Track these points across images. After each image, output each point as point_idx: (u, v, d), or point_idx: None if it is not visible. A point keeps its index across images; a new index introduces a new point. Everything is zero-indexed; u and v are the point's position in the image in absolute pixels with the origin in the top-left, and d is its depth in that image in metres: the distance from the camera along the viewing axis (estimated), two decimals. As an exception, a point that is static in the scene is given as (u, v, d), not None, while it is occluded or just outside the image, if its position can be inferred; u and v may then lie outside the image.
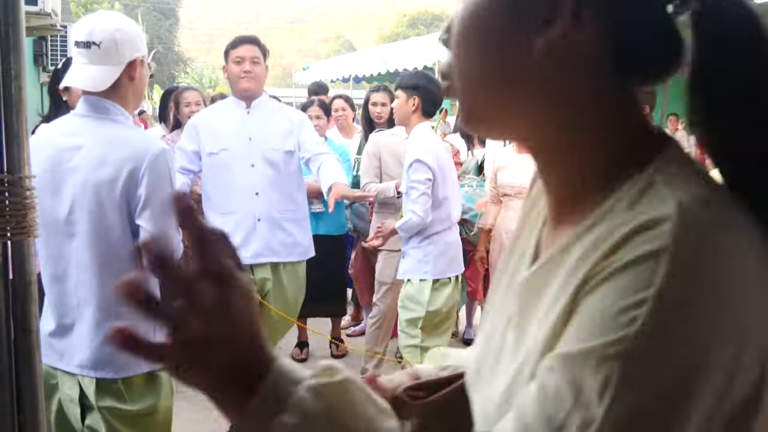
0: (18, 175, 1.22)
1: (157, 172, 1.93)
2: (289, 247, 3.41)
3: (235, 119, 3.34)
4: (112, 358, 1.97)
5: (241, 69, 3.27)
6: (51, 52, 6.08)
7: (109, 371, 1.98)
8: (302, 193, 3.52)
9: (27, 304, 1.25)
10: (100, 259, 1.94)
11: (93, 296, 1.95)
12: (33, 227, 1.25)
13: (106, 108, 1.97)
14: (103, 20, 2.00)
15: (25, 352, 1.25)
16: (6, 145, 1.22)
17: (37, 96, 6.01)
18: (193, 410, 3.84)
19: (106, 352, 1.97)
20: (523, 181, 3.71)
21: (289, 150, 3.36)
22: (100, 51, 1.94)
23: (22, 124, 1.23)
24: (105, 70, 1.95)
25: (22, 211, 1.23)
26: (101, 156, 1.91)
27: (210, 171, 3.33)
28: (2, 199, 1.21)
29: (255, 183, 3.29)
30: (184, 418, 3.75)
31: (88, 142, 1.93)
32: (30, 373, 1.26)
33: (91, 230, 1.92)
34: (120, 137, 1.95)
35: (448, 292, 3.37)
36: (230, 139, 3.29)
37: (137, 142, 1.97)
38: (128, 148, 1.93)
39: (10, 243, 1.22)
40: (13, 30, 1.22)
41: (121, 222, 1.94)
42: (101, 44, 1.94)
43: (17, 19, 1.23)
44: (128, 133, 1.99)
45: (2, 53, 1.21)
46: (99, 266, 1.94)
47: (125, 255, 1.99)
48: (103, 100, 1.96)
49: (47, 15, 4.55)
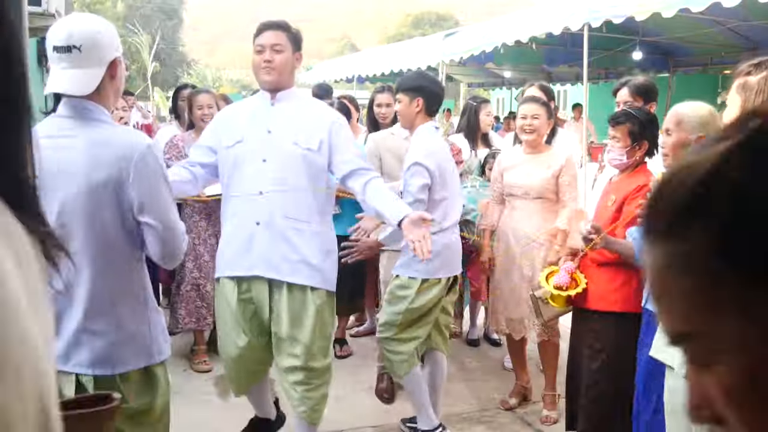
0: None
1: (148, 168, 1.97)
2: (293, 265, 2.80)
3: (257, 111, 2.95)
4: (109, 354, 2.01)
5: (261, 59, 2.87)
6: (55, 52, 6.09)
7: (107, 368, 2.01)
8: (323, 203, 2.92)
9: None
10: (97, 258, 1.97)
11: (88, 296, 1.97)
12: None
13: (90, 110, 1.98)
14: (80, 23, 1.98)
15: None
16: (9, 146, 1.22)
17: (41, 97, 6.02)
18: (193, 409, 3.85)
19: (102, 350, 2.00)
20: (531, 182, 3.71)
21: (312, 148, 2.84)
22: (81, 54, 1.93)
23: (25, 124, 1.23)
24: (88, 74, 1.95)
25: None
26: (92, 157, 1.93)
27: (224, 168, 2.92)
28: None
29: (260, 180, 2.80)
30: (184, 417, 3.76)
31: (78, 144, 1.94)
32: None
33: (87, 231, 1.94)
34: (107, 137, 1.98)
35: (435, 292, 3.36)
36: (247, 131, 2.88)
37: (123, 140, 2.00)
38: (116, 146, 1.96)
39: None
40: (15, 31, 1.22)
41: (117, 220, 1.97)
42: (82, 47, 1.93)
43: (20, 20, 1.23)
44: (113, 132, 2.01)
45: (5, 54, 1.22)
46: (95, 265, 1.97)
47: (121, 252, 2.02)
48: (86, 102, 1.98)
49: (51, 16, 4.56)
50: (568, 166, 3.74)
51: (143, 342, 2.08)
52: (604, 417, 3.03)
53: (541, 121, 3.72)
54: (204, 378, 4.34)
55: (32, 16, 4.32)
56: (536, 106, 3.74)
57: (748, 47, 9.58)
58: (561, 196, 3.72)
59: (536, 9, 8.32)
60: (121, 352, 2.04)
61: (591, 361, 3.04)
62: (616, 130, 2.99)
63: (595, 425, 3.06)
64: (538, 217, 3.74)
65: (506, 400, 4.00)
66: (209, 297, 4.33)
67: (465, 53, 9.47)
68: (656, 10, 6.42)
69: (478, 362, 4.72)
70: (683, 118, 2.50)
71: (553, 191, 3.73)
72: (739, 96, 2.00)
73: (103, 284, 1.99)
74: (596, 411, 3.04)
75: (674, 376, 2.04)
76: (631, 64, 11.62)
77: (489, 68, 13.19)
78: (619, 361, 2.97)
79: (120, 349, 2.04)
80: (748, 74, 2.01)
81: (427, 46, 10.81)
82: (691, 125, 2.43)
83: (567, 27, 7.37)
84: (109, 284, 2.01)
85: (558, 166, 3.71)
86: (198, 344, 4.55)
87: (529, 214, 3.75)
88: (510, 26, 8.59)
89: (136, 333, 2.07)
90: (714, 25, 9.17)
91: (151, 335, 2.11)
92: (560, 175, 3.70)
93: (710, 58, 11.17)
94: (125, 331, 2.04)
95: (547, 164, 3.73)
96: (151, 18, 36.71)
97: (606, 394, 3.00)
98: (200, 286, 4.35)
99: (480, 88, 17.73)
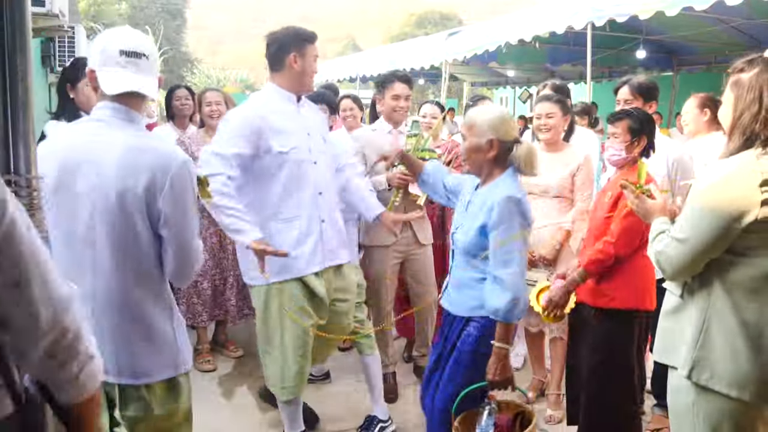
0: (26, 176, 1.23)
1: (181, 183, 1.97)
2: (346, 248, 3.29)
3: (293, 115, 3.06)
4: (134, 364, 2.02)
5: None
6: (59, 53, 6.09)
7: (132, 377, 2.03)
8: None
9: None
10: (123, 265, 1.97)
11: (112, 302, 1.97)
12: (39, 228, 1.25)
13: (133, 117, 2.03)
14: (141, 35, 2.08)
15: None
16: (13, 146, 1.22)
17: (45, 97, 6.04)
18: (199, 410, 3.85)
19: (128, 359, 2.01)
20: (549, 181, 3.69)
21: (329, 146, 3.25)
22: (149, 62, 2.03)
23: (29, 125, 1.23)
24: (152, 81, 2.05)
25: (29, 212, 1.23)
26: (128, 164, 1.94)
27: (275, 172, 2.96)
28: (9, 199, 1.21)
29: (319, 182, 3.06)
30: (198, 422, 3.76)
31: (115, 149, 1.95)
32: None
33: (114, 237, 1.94)
34: (145, 146, 1.99)
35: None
36: (297, 136, 3.01)
37: (162, 152, 2.00)
38: (153, 157, 1.96)
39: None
40: (19, 31, 1.22)
41: (144, 228, 1.97)
42: (150, 57, 2.04)
43: (24, 20, 1.23)
44: (153, 143, 2.03)
45: (9, 54, 1.22)
46: (121, 272, 1.97)
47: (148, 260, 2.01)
48: (131, 110, 2.03)
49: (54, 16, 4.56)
50: (586, 165, 3.71)
51: (169, 353, 2.08)
52: (603, 414, 3.03)
53: (556, 119, 3.71)
54: (209, 378, 4.34)
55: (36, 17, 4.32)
56: (549, 104, 3.73)
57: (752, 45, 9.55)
58: (574, 195, 3.70)
59: (539, 8, 8.30)
60: (147, 362, 2.04)
61: (590, 358, 3.06)
62: (616, 126, 3.03)
63: (595, 423, 3.07)
64: (556, 216, 3.70)
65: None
66: (206, 295, 4.37)
67: (468, 52, 9.47)
68: (660, 8, 6.41)
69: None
70: (474, 123, 2.56)
71: (570, 190, 3.70)
72: (732, 93, 2.00)
73: (130, 291, 1.99)
74: (595, 408, 3.04)
75: (677, 376, 2.04)
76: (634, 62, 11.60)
77: (492, 67, 13.19)
78: (617, 359, 2.98)
79: (146, 360, 2.04)
80: (741, 71, 2.01)
81: (431, 45, 10.80)
82: (481, 129, 2.49)
83: (570, 26, 7.36)
84: (137, 292, 2.00)
85: (576, 164, 3.69)
86: (201, 343, 4.56)
87: (547, 212, 3.71)
88: (513, 25, 8.57)
89: (163, 344, 2.07)
90: (718, 24, 9.15)
91: (177, 346, 2.11)
92: (576, 174, 3.69)
93: (714, 57, 11.15)
94: (152, 342, 2.04)
95: (565, 162, 3.71)
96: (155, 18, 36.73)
97: (604, 392, 3.00)
98: (197, 284, 4.37)
99: (483, 87, 17.72)
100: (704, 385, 1.97)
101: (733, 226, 1.87)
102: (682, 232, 1.96)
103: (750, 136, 1.92)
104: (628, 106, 3.72)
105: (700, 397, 1.99)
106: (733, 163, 1.91)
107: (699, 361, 1.97)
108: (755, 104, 1.92)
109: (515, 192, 2.46)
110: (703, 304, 1.99)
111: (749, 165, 1.88)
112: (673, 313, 2.10)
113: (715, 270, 1.96)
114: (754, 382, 1.91)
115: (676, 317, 2.08)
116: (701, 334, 1.97)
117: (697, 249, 1.93)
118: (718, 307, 1.95)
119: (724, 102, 2.06)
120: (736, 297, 1.93)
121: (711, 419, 1.98)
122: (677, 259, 1.97)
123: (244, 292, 4.41)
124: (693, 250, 1.93)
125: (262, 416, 3.84)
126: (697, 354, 1.97)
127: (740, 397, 1.92)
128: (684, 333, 2.03)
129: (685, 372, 1.99)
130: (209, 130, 4.39)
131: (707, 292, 1.98)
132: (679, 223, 2.01)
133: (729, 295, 1.94)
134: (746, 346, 1.91)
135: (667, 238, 2.03)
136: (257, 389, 4.10)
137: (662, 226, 2.12)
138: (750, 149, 1.91)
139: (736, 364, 1.92)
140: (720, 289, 1.95)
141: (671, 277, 2.05)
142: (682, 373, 2.01)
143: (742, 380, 1.92)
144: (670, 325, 2.11)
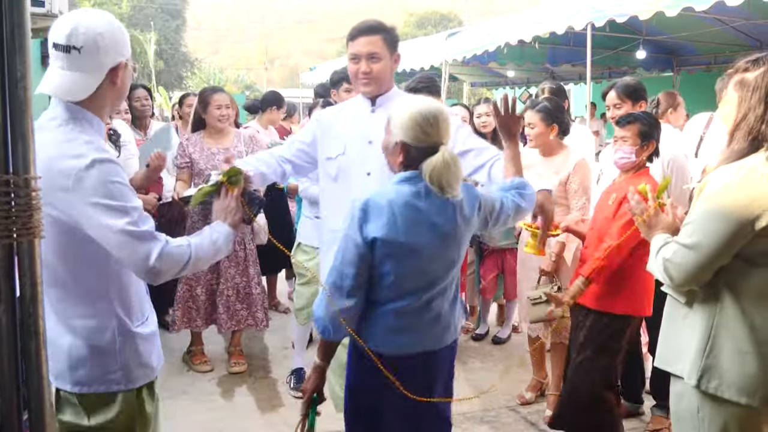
0: (24, 176, 1.22)
1: (91, 183, 1.71)
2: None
3: (358, 120, 2.78)
4: (66, 369, 1.84)
5: (357, 69, 2.71)
6: (59, 53, 6.10)
7: (66, 383, 1.85)
8: None
9: (34, 305, 1.25)
10: (60, 270, 1.78)
11: (56, 298, 1.82)
12: (38, 228, 1.25)
13: (80, 118, 1.79)
14: (86, 21, 1.76)
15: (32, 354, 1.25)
16: (12, 146, 1.22)
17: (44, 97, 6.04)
18: (199, 411, 3.85)
19: (63, 362, 1.84)
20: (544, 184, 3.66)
21: None
22: (80, 56, 1.74)
23: (28, 125, 1.23)
24: (84, 78, 1.77)
25: (28, 212, 1.23)
26: (50, 161, 1.69)
27: (325, 179, 2.83)
28: (8, 200, 1.21)
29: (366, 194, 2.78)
30: (190, 419, 3.77)
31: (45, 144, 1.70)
32: (37, 374, 1.26)
33: (51, 241, 1.70)
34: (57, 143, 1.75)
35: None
36: (349, 143, 2.75)
37: (72, 152, 1.73)
38: (65, 156, 1.72)
39: (15, 244, 1.22)
40: (18, 31, 1.22)
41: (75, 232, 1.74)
42: (82, 49, 1.74)
43: (23, 20, 1.23)
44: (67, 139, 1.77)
45: (8, 55, 1.21)
46: (58, 278, 1.79)
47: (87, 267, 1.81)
48: (74, 107, 1.79)
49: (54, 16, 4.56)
50: (577, 172, 3.63)
51: (105, 366, 1.84)
52: (577, 410, 3.06)
53: (538, 129, 3.67)
54: (207, 378, 4.34)
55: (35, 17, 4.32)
56: (530, 114, 3.70)
57: (753, 46, 9.56)
58: (569, 202, 3.66)
59: (539, 8, 8.31)
60: (79, 370, 1.83)
61: (577, 355, 3.09)
62: (626, 129, 3.01)
63: (568, 418, 3.11)
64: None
65: (522, 394, 4.05)
66: (200, 300, 4.32)
67: (468, 53, 9.47)
68: (660, 9, 6.42)
69: (482, 362, 4.72)
70: (389, 119, 2.24)
71: (564, 197, 3.65)
72: (736, 93, 1.97)
73: (67, 289, 1.81)
74: (570, 403, 3.09)
75: (680, 382, 2.01)
76: (634, 63, 11.61)
77: (492, 68, 13.18)
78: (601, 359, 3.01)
79: (78, 367, 1.82)
80: (745, 71, 1.98)
81: (431, 45, 10.80)
82: (393, 128, 2.18)
83: (570, 26, 7.37)
84: (75, 290, 1.81)
85: (566, 172, 3.64)
86: (195, 345, 4.53)
87: None
88: (513, 26, 8.58)
89: (98, 354, 1.83)
90: (718, 24, 9.16)
91: (118, 360, 1.85)
92: (567, 182, 3.63)
93: (714, 57, 11.16)
94: (86, 350, 1.82)
95: (556, 169, 3.67)
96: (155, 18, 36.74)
97: (581, 388, 3.03)
98: (192, 288, 4.33)
99: (483, 88, 17.72)
100: (713, 393, 1.91)
101: (746, 230, 1.81)
102: (692, 237, 1.89)
103: (756, 136, 1.87)
104: (618, 110, 3.74)
105: (706, 403, 1.93)
106: (744, 166, 1.85)
107: (707, 369, 1.91)
108: (761, 105, 1.87)
109: (377, 197, 2.15)
110: (710, 311, 1.92)
111: (761, 168, 1.83)
112: (677, 320, 2.04)
113: (723, 276, 1.90)
114: (763, 388, 1.86)
115: (680, 324, 2.02)
116: (709, 342, 1.91)
117: (708, 254, 1.86)
118: (726, 313, 1.89)
119: (726, 102, 2.04)
120: (745, 303, 1.87)
121: (717, 425, 1.92)
122: (687, 266, 1.89)
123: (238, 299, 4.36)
124: (704, 256, 1.86)
125: (262, 416, 3.84)
126: (705, 362, 1.91)
127: (749, 404, 1.87)
128: (689, 341, 1.97)
129: (693, 381, 1.93)
130: (212, 133, 4.33)
131: (715, 298, 1.92)
132: (685, 229, 1.93)
133: (737, 301, 1.88)
134: (755, 352, 1.86)
135: (674, 245, 1.95)
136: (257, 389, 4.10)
137: (665, 240, 2.04)
138: (759, 151, 1.86)
139: (744, 371, 1.86)
140: (728, 296, 1.89)
141: (679, 285, 1.96)
142: (690, 382, 1.95)
143: (751, 387, 1.86)
144: (674, 333, 2.05)
